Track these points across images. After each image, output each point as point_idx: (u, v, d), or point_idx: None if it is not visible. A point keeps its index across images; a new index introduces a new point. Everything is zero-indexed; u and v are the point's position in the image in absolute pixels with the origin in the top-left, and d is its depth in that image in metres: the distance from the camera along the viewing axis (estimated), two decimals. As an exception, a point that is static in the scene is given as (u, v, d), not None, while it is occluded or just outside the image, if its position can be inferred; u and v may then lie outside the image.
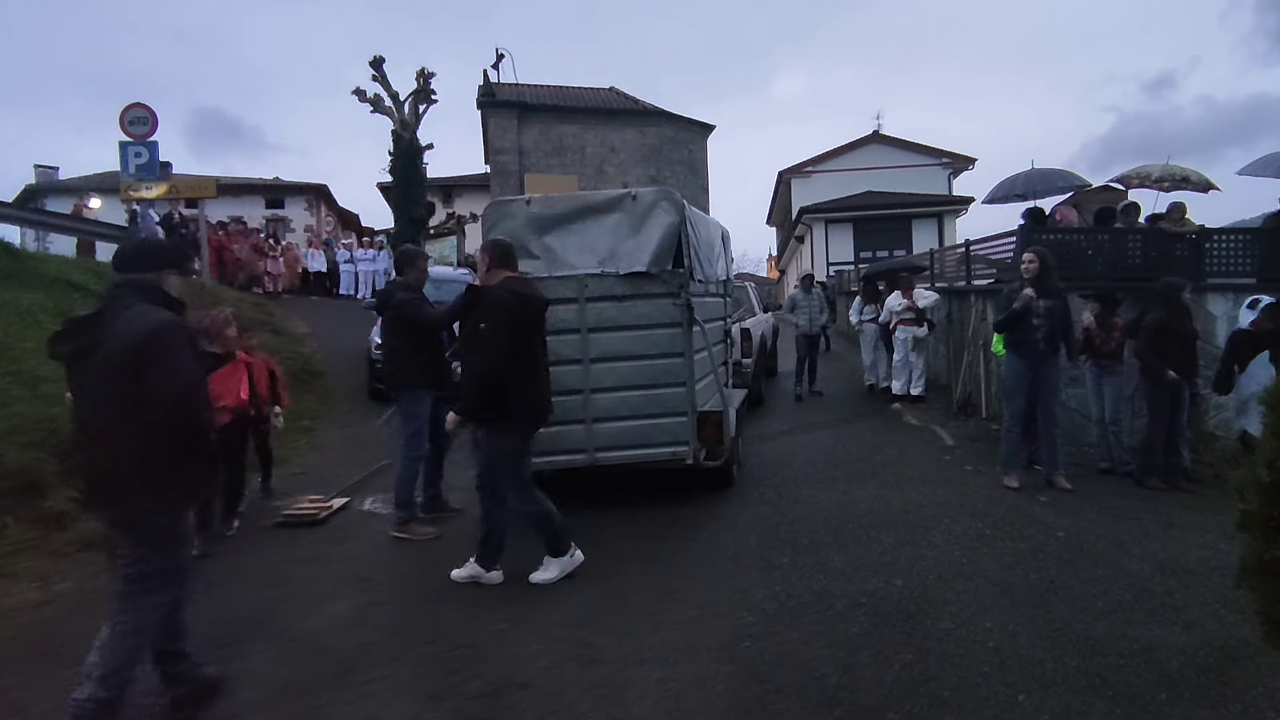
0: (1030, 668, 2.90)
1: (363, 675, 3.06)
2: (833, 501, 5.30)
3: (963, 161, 26.29)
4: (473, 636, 3.36)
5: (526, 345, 3.81)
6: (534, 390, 3.87)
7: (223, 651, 3.26)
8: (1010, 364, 5.57)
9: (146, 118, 10.72)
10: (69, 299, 7.11)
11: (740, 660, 3.10)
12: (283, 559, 4.39)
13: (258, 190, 26.08)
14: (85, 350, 2.56)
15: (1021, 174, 9.99)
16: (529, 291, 3.91)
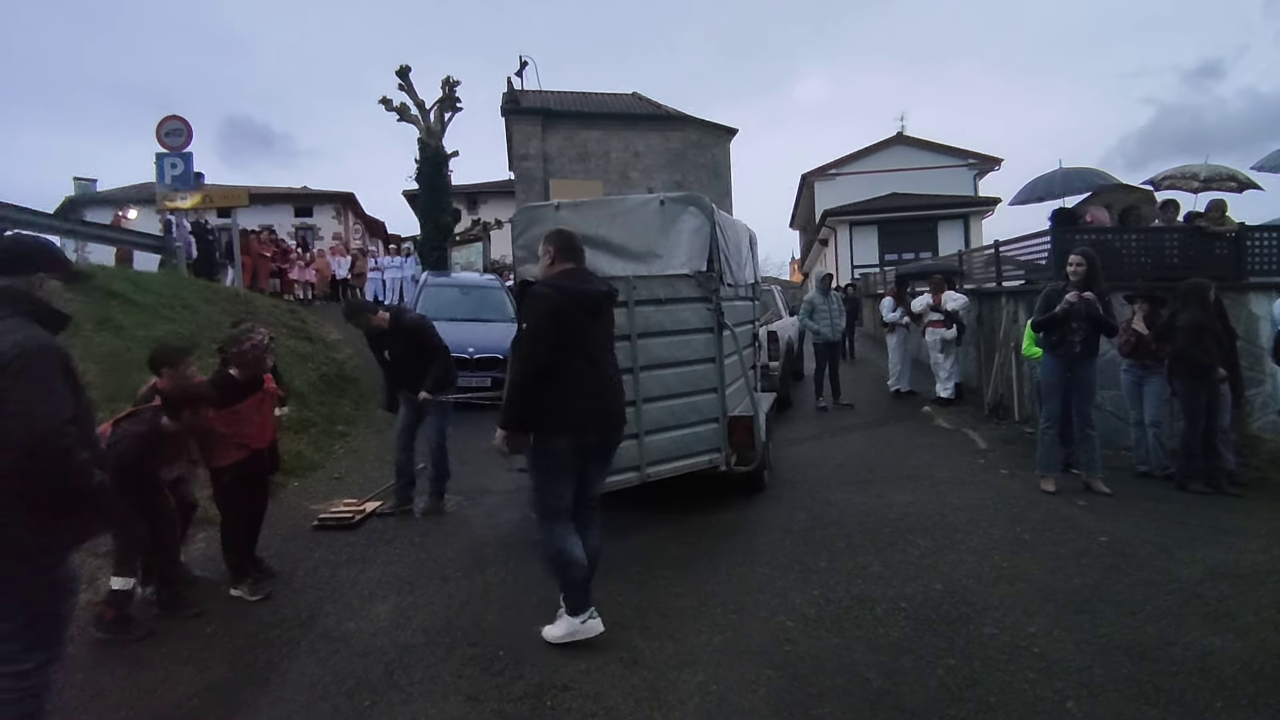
0: (1078, 674, 2.86)
1: (406, 676, 3.10)
2: (867, 505, 5.27)
3: (989, 162, 25.97)
4: (513, 639, 3.39)
5: (573, 347, 3.26)
6: (580, 401, 3.25)
7: (270, 652, 3.33)
8: (1046, 366, 5.50)
9: (182, 129, 10.97)
10: (108, 307, 7.29)
11: (782, 664, 3.10)
12: (323, 561, 4.45)
13: (287, 199, 26.52)
14: None
15: (1048, 174, 9.86)
16: (577, 285, 3.34)
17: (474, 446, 6.53)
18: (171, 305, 8.21)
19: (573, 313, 3.25)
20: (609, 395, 3.38)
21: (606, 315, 3.48)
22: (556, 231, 3.53)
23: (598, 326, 3.39)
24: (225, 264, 13.72)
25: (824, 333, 9.66)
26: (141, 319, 7.30)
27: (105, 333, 6.36)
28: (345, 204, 27.71)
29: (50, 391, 2.06)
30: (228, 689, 3.04)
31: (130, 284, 8.23)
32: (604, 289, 3.47)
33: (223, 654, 3.33)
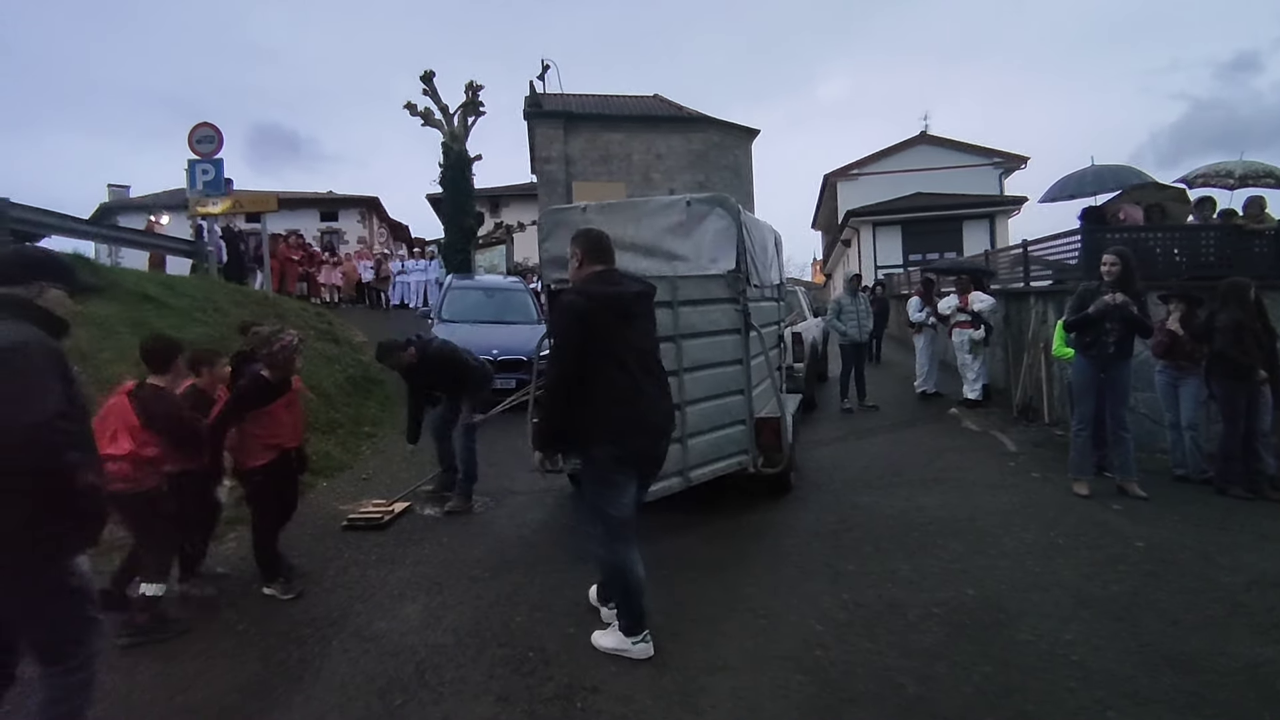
0: (1120, 683, 2.79)
1: (437, 676, 3.11)
2: (896, 508, 5.21)
3: (1015, 160, 25.63)
4: (542, 640, 3.40)
5: (603, 354, 3.08)
6: (614, 409, 3.08)
7: (302, 650, 3.37)
8: (1079, 367, 5.39)
9: (213, 136, 11.17)
10: (143, 311, 7.42)
11: (813, 669, 3.06)
12: (352, 561, 4.49)
13: (312, 204, 26.92)
14: None
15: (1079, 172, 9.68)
16: (606, 289, 3.16)
17: (500, 448, 6.57)
18: (204, 308, 8.35)
19: (601, 317, 3.08)
20: (645, 401, 3.16)
21: (642, 316, 3.27)
22: (584, 232, 3.38)
23: (632, 329, 3.18)
24: (254, 268, 13.95)
25: (851, 334, 9.58)
26: (175, 322, 7.43)
27: (140, 334, 6.45)
28: (370, 208, 28.05)
29: (40, 387, 2.07)
30: (261, 686, 3.07)
31: (164, 287, 8.39)
32: (637, 289, 3.27)
33: (255, 651, 3.37)
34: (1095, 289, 5.20)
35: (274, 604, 3.88)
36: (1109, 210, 8.54)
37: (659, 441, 3.27)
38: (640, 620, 3.21)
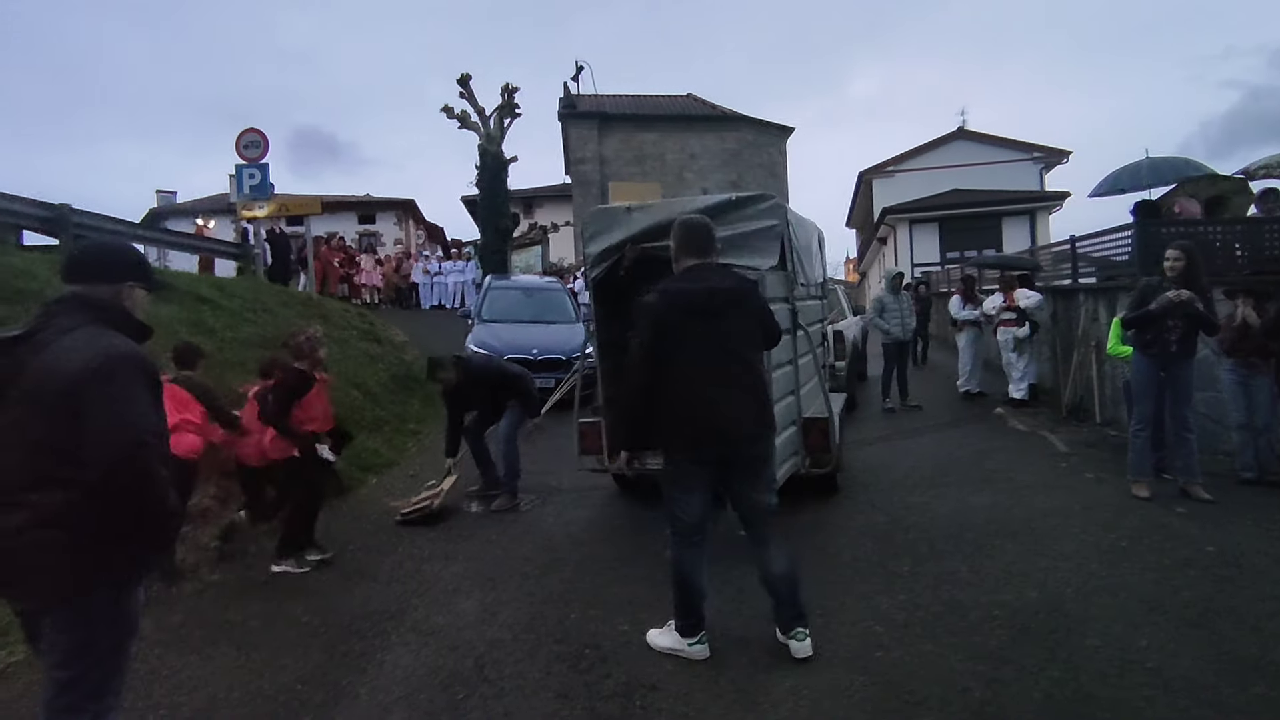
0: (1202, 692, 2.70)
1: (497, 671, 3.14)
2: (947, 509, 5.12)
3: (1056, 155, 25.05)
4: (598, 637, 3.41)
5: (678, 354, 2.99)
6: (687, 411, 3.00)
7: (364, 643, 3.43)
8: (1139, 365, 5.24)
9: (259, 141, 11.44)
10: (199, 312, 7.63)
11: (874, 671, 3.03)
12: (407, 555, 4.56)
13: (351, 207, 27.39)
14: (1, 381, 1.90)
15: (1132, 165, 9.43)
16: (686, 286, 3.05)
17: (542, 446, 6.61)
18: (253, 309, 8.55)
19: (677, 317, 2.99)
20: (720, 403, 3.01)
21: (727, 315, 3.07)
22: (682, 223, 3.26)
23: (714, 328, 3.02)
24: (297, 269, 14.25)
25: (894, 332, 9.44)
26: (229, 322, 7.62)
27: (199, 335, 6.64)
28: (406, 210, 28.46)
29: (135, 404, 1.91)
30: (328, 676, 3.14)
31: (217, 289, 8.61)
32: (723, 285, 3.11)
33: (320, 643, 3.44)
34: (1157, 285, 5.05)
35: (336, 597, 3.96)
36: (1164, 204, 8.29)
37: (738, 444, 3.07)
38: (699, 623, 3.18)
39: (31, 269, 6.51)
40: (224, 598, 3.98)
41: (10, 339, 1.91)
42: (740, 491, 3.16)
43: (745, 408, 3.08)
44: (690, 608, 3.16)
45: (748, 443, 3.11)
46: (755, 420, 3.13)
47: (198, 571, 4.29)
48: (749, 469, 3.16)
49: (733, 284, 3.17)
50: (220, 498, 5.07)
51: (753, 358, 3.23)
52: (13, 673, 3.13)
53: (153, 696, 2.97)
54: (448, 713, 2.85)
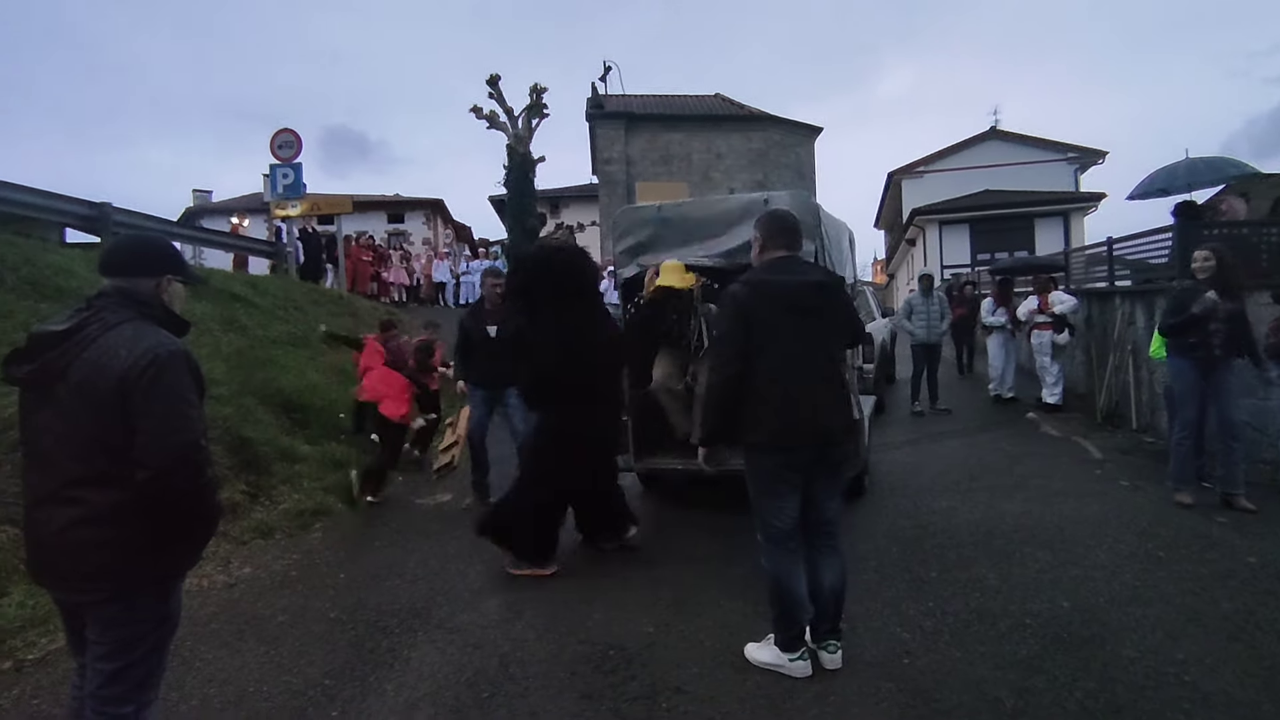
0: (1243, 709, 2.63)
1: (521, 670, 3.15)
2: (976, 515, 5.04)
3: (1092, 155, 24.50)
4: (622, 638, 3.40)
5: (766, 349, 2.89)
6: (773, 409, 2.88)
7: (390, 639, 3.46)
8: (1180, 371, 5.10)
9: (292, 142, 11.64)
10: (233, 309, 7.78)
11: (902, 678, 2.98)
12: (431, 554, 4.60)
13: (380, 206, 27.74)
14: (48, 376, 1.90)
15: (1171, 165, 9.18)
16: (776, 278, 2.96)
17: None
18: (285, 307, 8.70)
19: (765, 310, 2.88)
20: (811, 402, 2.89)
21: (817, 309, 2.95)
22: (768, 214, 3.14)
23: (803, 323, 2.91)
24: (327, 268, 14.46)
25: (919, 334, 9.34)
26: (261, 319, 7.76)
27: (232, 332, 6.79)
28: (434, 210, 28.75)
29: (186, 403, 1.91)
30: (355, 671, 3.17)
31: (250, 287, 8.77)
32: (813, 279, 3.00)
33: (347, 638, 3.48)
34: (1191, 288, 4.93)
35: (362, 594, 4.00)
36: (1211, 204, 8.05)
37: (824, 445, 2.94)
38: (800, 636, 3.00)
39: (71, 266, 6.68)
40: (252, 592, 4.05)
41: (58, 333, 1.92)
42: (817, 496, 3.01)
43: (834, 408, 2.96)
44: (791, 620, 2.98)
45: (835, 445, 2.99)
46: (843, 421, 3.03)
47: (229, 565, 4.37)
48: (831, 473, 3.05)
49: (821, 278, 3.07)
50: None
51: (839, 355, 3.12)
52: (52, 659, 3.21)
53: (185, 688, 3.03)
54: (474, 710, 2.86)
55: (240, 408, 5.79)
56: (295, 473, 5.68)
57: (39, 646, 3.30)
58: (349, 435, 6.54)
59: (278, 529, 4.95)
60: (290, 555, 4.60)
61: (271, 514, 5.10)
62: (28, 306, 5.52)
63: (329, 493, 5.61)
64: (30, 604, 3.43)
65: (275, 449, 5.73)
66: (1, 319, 5.19)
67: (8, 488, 3.74)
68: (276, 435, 5.93)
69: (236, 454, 5.40)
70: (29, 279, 5.89)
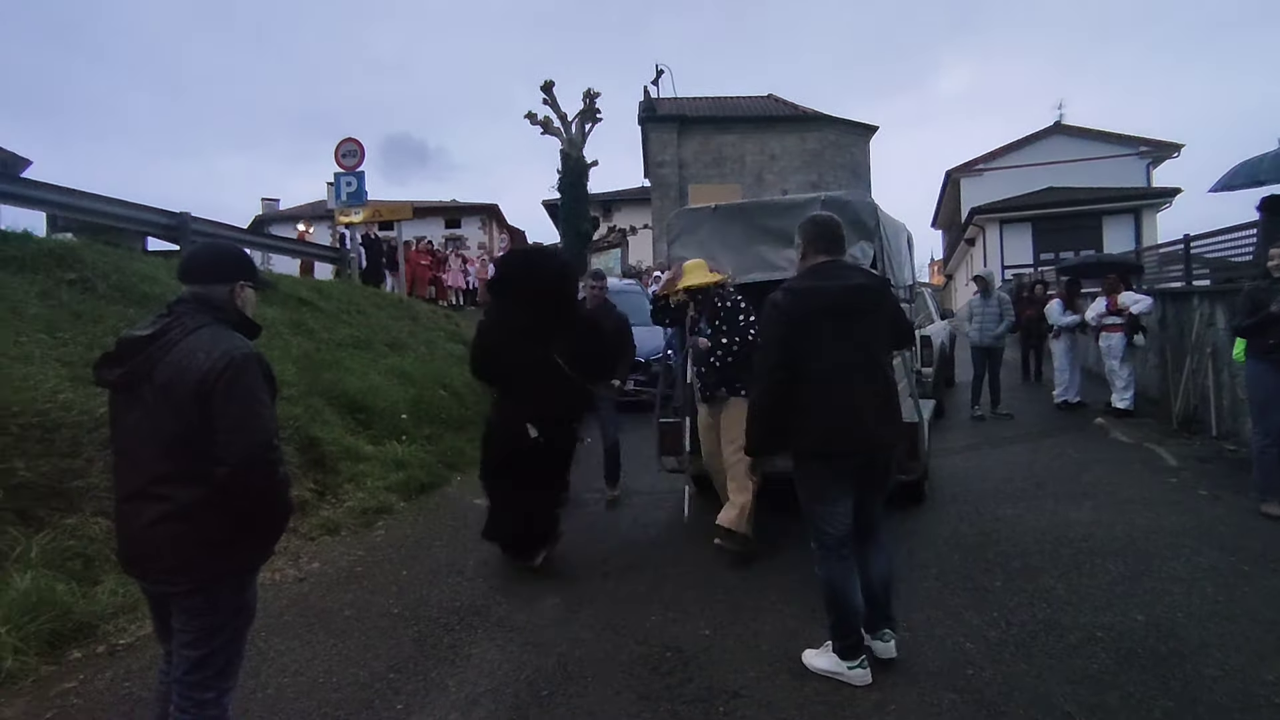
0: (1339, 731, 2.48)
1: (579, 669, 3.19)
2: (1042, 523, 4.88)
3: (1165, 149, 23.37)
4: (679, 640, 3.42)
5: (811, 355, 2.88)
6: (821, 417, 2.87)
7: (451, 636, 3.55)
8: (1259, 375, 4.83)
9: (356, 150, 12.04)
10: (300, 313, 8.09)
11: (965, 689, 2.91)
12: (491, 553, 4.68)
13: (438, 212, 28.45)
14: (135, 378, 2.02)
15: (1257, 157, 8.69)
16: (818, 284, 2.94)
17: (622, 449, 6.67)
18: (349, 310, 9.00)
19: (810, 316, 2.88)
20: (855, 408, 2.87)
21: (864, 313, 2.94)
22: (810, 219, 3.12)
23: (847, 328, 2.90)
24: (387, 272, 14.90)
25: (973, 337, 9.13)
26: (326, 323, 8.05)
27: (300, 335, 7.06)
28: (490, 215, 29.33)
29: (260, 404, 2.02)
30: (418, 667, 3.26)
31: (316, 292, 9.11)
32: (859, 283, 3.00)
33: (410, 634, 3.58)
34: (1267, 288, 4.69)
35: (426, 591, 4.11)
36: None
37: (873, 452, 2.95)
38: (858, 644, 2.97)
39: (155, 273, 7.05)
40: (321, 587, 4.20)
41: (143, 338, 2.04)
42: (864, 500, 3.01)
43: (882, 413, 2.95)
44: (849, 627, 2.96)
45: (883, 451, 3.00)
46: (891, 426, 3.01)
47: (299, 560, 4.55)
48: (879, 477, 3.05)
49: (865, 281, 3.06)
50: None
51: (885, 360, 3.09)
52: (140, 645, 3.40)
53: (260, 676, 3.17)
54: (533, 708, 2.92)
55: (308, 408, 6.02)
56: (359, 471, 5.87)
57: (129, 632, 3.50)
58: (409, 435, 6.73)
59: (343, 526, 5.13)
60: (355, 551, 4.77)
61: (337, 511, 5.29)
62: (117, 311, 5.86)
63: (391, 491, 5.78)
64: (121, 592, 3.63)
65: (341, 448, 5.94)
66: (94, 323, 5.53)
67: (100, 483, 3.97)
68: (342, 435, 6.15)
69: (305, 453, 5.62)
70: (118, 286, 6.25)
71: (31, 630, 3.19)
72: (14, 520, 3.63)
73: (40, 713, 2.90)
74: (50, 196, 7.33)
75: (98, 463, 4.08)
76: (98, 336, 5.27)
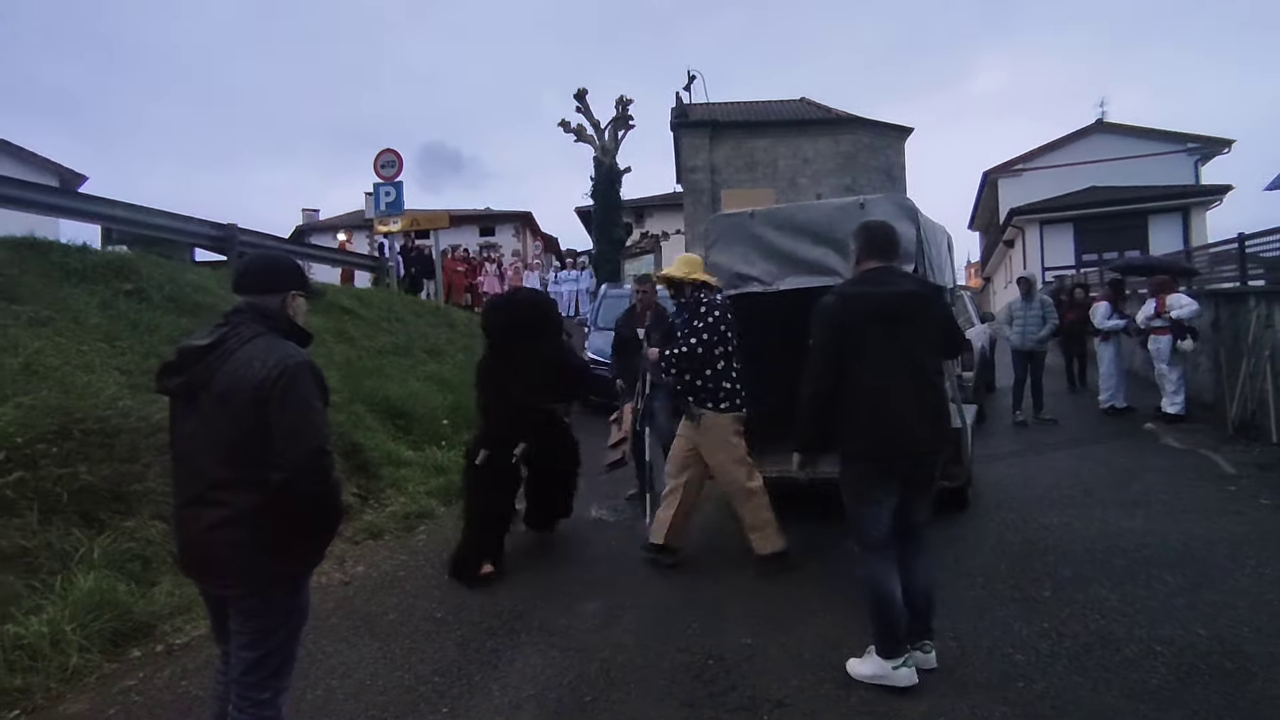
0: None
1: (622, 676, 3.20)
2: (1091, 532, 4.75)
3: (1215, 145, 22.60)
4: (720, 648, 3.40)
5: (861, 359, 2.94)
6: (869, 420, 2.94)
7: (494, 640, 3.58)
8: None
9: (394, 161, 12.27)
10: (342, 321, 8.26)
11: (1016, 701, 2.85)
12: (529, 557, 4.74)
13: (473, 220, 28.83)
14: (194, 387, 2.08)
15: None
16: (869, 289, 3.00)
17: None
18: (388, 319, 9.17)
19: (859, 320, 2.93)
20: (901, 412, 2.92)
21: (912, 319, 2.98)
22: (864, 225, 3.18)
23: (898, 333, 2.94)
24: (423, 280, 15.12)
25: (1014, 340, 8.93)
26: (367, 331, 8.21)
27: (342, 343, 7.21)
28: (524, 223, 29.62)
29: (314, 411, 2.05)
30: (462, 670, 3.30)
31: (357, 300, 9.29)
32: (909, 289, 3.05)
33: (453, 638, 3.63)
34: None
35: (467, 595, 4.15)
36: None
37: (918, 456, 2.98)
38: (900, 644, 2.96)
39: (206, 284, 7.27)
40: (365, 590, 4.28)
41: (201, 347, 2.10)
42: (908, 505, 3.03)
43: (930, 419, 2.98)
44: (892, 628, 2.96)
45: (928, 456, 3.03)
46: (937, 432, 3.04)
47: (344, 564, 4.63)
48: (924, 483, 3.06)
49: (916, 288, 3.10)
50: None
51: (934, 366, 3.12)
52: (196, 645, 3.50)
53: (310, 677, 3.23)
54: (577, 714, 2.93)
55: (351, 414, 6.14)
56: (401, 477, 5.97)
57: (184, 632, 3.60)
58: (448, 441, 6.81)
59: (386, 530, 5.22)
60: (398, 556, 4.84)
61: (380, 516, 5.38)
62: (171, 321, 6.05)
63: (431, 496, 5.86)
64: (177, 593, 3.75)
65: (383, 454, 6.04)
66: (150, 333, 5.72)
67: (156, 487, 4.10)
68: (384, 441, 6.26)
69: (349, 458, 5.73)
70: (171, 296, 6.46)
71: (95, 629, 3.31)
72: (78, 522, 3.76)
73: (104, 709, 3.00)
74: (110, 211, 7.61)
75: (154, 467, 4.21)
76: (154, 345, 5.44)
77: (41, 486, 3.71)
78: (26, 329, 4.94)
